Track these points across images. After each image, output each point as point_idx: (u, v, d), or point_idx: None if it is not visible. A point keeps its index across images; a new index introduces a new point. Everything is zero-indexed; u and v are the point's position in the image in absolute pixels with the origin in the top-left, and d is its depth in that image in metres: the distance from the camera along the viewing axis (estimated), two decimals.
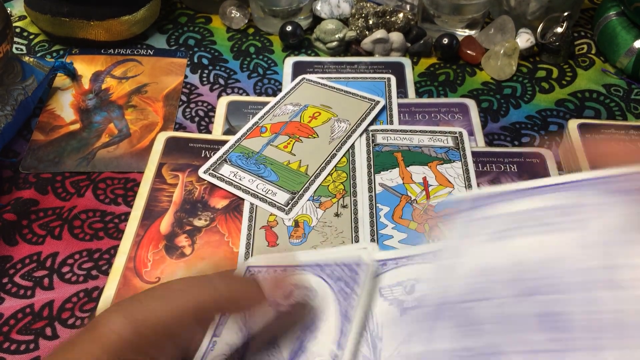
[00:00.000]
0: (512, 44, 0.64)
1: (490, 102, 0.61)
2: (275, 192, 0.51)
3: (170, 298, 0.25)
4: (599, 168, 0.21)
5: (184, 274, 0.46)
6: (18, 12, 0.72)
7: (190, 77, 0.64)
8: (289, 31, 0.66)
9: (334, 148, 0.54)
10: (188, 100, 0.61)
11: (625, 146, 0.23)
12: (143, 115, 0.60)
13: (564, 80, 0.64)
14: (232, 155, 0.54)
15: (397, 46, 0.66)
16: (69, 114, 0.59)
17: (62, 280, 0.46)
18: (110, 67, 0.65)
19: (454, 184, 0.52)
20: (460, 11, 0.66)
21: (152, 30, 0.70)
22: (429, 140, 0.55)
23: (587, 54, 0.68)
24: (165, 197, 0.51)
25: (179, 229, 0.49)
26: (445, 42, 0.65)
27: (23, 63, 0.59)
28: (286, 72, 0.64)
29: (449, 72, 0.65)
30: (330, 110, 0.58)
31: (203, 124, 0.59)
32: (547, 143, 0.57)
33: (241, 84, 0.64)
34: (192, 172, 0.53)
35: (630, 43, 0.63)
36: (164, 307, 0.25)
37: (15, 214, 0.50)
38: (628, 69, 0.63)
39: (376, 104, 0.59)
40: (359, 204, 0.50)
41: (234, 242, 0.48)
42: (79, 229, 0.50)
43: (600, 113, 0.60)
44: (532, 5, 0.66)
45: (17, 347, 0.42)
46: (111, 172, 0.54)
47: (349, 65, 0.65)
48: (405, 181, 0.52)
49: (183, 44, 0.68)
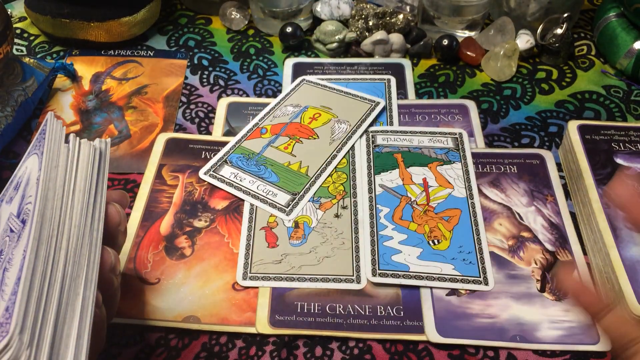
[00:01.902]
0: (512, 45, 0.64)
1: (490, 103, 0.61)
2: (275, 193, 0.51)
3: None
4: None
5: (184, 275, 0.46)
6: (18, 13, 0.72)
7: (190, 78, 0.64)
8: (289, 32, 0.66)
9: (334, 149, 0.54)
10: (188, 102, 0.61)
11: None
12: (143, 116, 0.60)
13: (564, 82, 0.64)
14: (233, 156, 0.54)
15: (397, 47, 0.66)
16: (69, 115, 0.59)
17: None
18: (111, 68, 0.65)
19: (454, 185, 0.52)
20: (460, 12, 0.66)
21: (152, 31, 0.70)
22: (429, 141, 0.55)
23: (587, 55, 0.68)
24: (165, 198, 0.51)
25: (179, 230, 0.49)
26: (445, 44, 0.65)
27: (23, 64, 0.59)
28: (286, 73, 0.64)
29: (448, 74, 0.65)
30: (330, 111, 0.58)
31: (203, 125, 0.59)
32: (546, 144, 0.57)
33: (241, 85, 0.64)
34: (192, 173, 0.53)
35: (630, 44, 0.63)
36: None
37: None
38: (628, 70, 0.63)
39: (376, 105, 0.59)
40: (359, 205, 0.50)
41: (234, 243, 0.48)
42: None
43: (600, 114, 0.60)
44: (532, 6, 0.66)
45: None
46: (111, 173, 0.54)
47: (349, 66, 0.65)
48: (405, 182, 0.52)
49: (183, 45, 0.68)
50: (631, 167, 0.50)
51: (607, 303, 0.26)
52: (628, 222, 0.26)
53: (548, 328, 0.43)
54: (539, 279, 0.46)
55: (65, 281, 0.29)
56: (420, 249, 0.47)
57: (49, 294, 0.28)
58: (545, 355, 0.42)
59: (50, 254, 0.29)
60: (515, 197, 0.51)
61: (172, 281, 0.46)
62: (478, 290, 0.45)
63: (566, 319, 0.43)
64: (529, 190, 0.52)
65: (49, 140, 0.32)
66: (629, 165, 0.50)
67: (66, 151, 0.33)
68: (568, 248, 0.48)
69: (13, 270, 0.28)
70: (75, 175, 0.33)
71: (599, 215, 0.46)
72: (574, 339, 0.42)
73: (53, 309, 0.28)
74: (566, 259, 0.47)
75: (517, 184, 0.52)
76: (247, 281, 0.45)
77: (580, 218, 0.50)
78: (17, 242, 0.29)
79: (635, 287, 0.42)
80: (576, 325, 0.43)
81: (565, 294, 0.31)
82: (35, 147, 0.34)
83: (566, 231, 0.49)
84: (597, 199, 0.48)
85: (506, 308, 0.44)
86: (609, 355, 0.42)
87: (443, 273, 0.46)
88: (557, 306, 0.44)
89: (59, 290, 0.29)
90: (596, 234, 0.46)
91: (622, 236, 0.45)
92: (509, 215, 0.50)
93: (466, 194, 0.51)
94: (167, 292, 0.45)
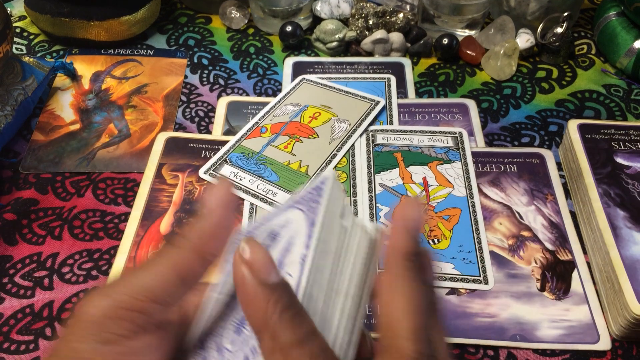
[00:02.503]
0: (512, 44, 0.64)
1: (490, 103, 0.61)
2: (275, 192, 0.51)
3: (147, 265, 0.25)
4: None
5: None
6: (18, 12, 0.72)
7: (190, 77, 0.64)
8: (289, 31, 0.66)
9: (334, 148, 0.54)
10: (188, 101, 0.61)
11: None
12: (143, 115, 0.60)
13: (564, 81, 0.64)
14: (233, 155, 0.54)
15: (397, 46, 0.66)
16: (69, 114, 0.59)
17: (62, 281, 0.46)
18: (110, 67, 0.65)
19: (453, 184, 0.52)
20: (460, 11, 0.66)
21: (152, 30, 0.70)
22: (429, 140, 0.55)
23: (587, 54, 0.68)
24: (165, 197, 0.51)
25: (179, 229, 0.49)
26: (445, 43, 0.65)
27: (23, 63, 0.59)
28: (286, 72, 0.64)
29: (448, 73, 0.65)
30: (330, 110, 0.58)
31: (203, 124, 0.59)
32: (546, 143, 0.57)
33: (241, 84, 0.64)
34: (192, 172, 0.53)
35: (630, 43, 0.63)
36: (142, 274, 0.25)
37: (16, 214, 0.50)
38: (628, 69, 0.63)
39: (376, 104, 0.59)
40: (359, 204, 0.50)
41: None
42: (79, 229, 0.50)
43: (600, 113, 0.60)
44: (532, 5, 0.66)
45: (17, 347, 0.42)
46: (111, 172, 0.54)
47: (349, 65, 0.65)
48: (405, 181, 0.52)
49: (183, 44, 0.68)
50: (631, 166, 0.50)
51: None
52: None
53: (548, 327, 0.43)
54: (539, 278, 0.46)
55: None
56: None
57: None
58: (545, 354, 0.42)
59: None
60: (515, 196, 0.51)
61: None
62: (478, 290, 0.45)
63: (566, 318, 0.43)
64: (529, 189, 0.52)
65: (326, 212, 0.26)
66: (629, 164, 0.50)
67: (339, 233, 0.26)
68: (568, 247, 0.48)
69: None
70: (341, 270, 0.26)
71: (599, 215, 0.46)
72: (574, 338, 0.42)
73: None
74: (565, 258, 0.47)
75: (517, 183, 0.52)
76: None
77: (580, 217, 0.50)
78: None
79: (635, 286, 0.42)
80: (576, 324, 0.43)
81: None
82: (304, 203, 0.27)
83: (566, 230, 0.49)
84: (597, 198, 0.48)
85: (506, 307, 0.44)
86: (609, 354, 0.42)
87: (443, 272, 0.46)
88: (557, 305, 0.44)
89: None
90: (596, 233, 0.46)
91: (622, 235, 0.45)
92: (509, 215, 0.50)
93: (466, 193, 0.51)
94: None
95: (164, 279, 0.25)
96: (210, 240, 0.26)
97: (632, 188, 0.48)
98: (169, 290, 0.25)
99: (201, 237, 0.26)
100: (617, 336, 0.43)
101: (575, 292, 0.45)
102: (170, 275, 0.25)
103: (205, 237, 0.26)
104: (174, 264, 0.25)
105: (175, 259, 0.25)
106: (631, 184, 0.49)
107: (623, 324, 0.42)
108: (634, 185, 0.49)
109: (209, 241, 0.26)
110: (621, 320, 0.42)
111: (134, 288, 0.24)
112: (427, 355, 0.23)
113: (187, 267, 0.25)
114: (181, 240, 0.26)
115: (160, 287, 0.25)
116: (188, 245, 0.26)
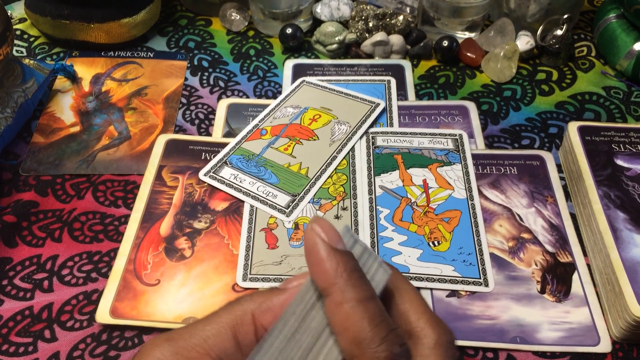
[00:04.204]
0: (512, 46, 0.64)
1: (490, 105, 0.61)
2: (275, 194, 0.51)
3: (208, 318, 0.26)
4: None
5: (184, 276, 0.46)
6: (18, 14, 0.72)
7: (190, 80, 0.64)
8: (289, 34, 0.66)
9: (334, 150, 0.54)
10: (188, 103, 0.61)
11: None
12: (143, 117, 0.60)
13: (564, 83, 0.64)
14: (233, 157, 0.54)
15: (397, 49, 0.66)
16: (69, 117, 0.59)
17: (62, 283, 0.46)
18: (111, 69, 0.65)
19: (454, 186, 0.52)
20: (460, 13, 0.66)
21: (152, 32, 0.70)
22: (429, 142, 0.55)
23: (587, 57, 0.68)
24: (165, 200, 0.51)
25: (179, 231, 0.49)
26: (445, 45, 0.65)
27: (23, 65, 0.59)
28: (286, 74, 0.64)
29: (448, 75, 0.65)
30: (330, 112, 0.58)
31: (203, 127, 0.59)
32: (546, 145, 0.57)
33: (241, 86, 0.64)
34: (192, 174, 0.53)
35: (630, 45, 0.63)
36: (201, 326, 0.26)
37: (15, 216, 0.50)
38: (628, 72, 0.63)
39: (376, 106, 0.59)
40: (359, 207, 0.50)
41: (233, 244, 0.48)
42: (78, 232, 0.50)
43: (600, 115, 0.60)
44: (532, 7, 0.66)
45: (15, 350, 0.42)
46: (111, 175, 0.54)
47: (349, 67, 0.65)
48: (405, 183, 0.52)
49: (183, 47, 0.68)
50: (631, 168, 0.50)
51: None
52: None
53: (548, 329, 0.43)
54: (539, 280, 0.46)
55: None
56: (421, 251, 0.47)
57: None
58: (545, 356, 0.42)
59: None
60: (516, 199, 0.51)
61: (171, 282, 0.45)
62: (478, 292, 0.45)
63: (566, 321, 0.43)
64: (529, 191, 0.52)
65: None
66: (629, 166, 0.50)
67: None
68: (568, 249, 0.48)
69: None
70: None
71: (599, 217, 0.46)
72: (574, 341, 0.42)
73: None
74: (565, 260, 0.47)
75: (517, 185, 0.52)
76: (247, 282, 0.45)
77: (581, 219, 0.50)
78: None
79: (636, 288, 0.42)
80: (576, 326, 0.43)
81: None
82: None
83: (566, 232, 0.49)
84: (597, 200, 0.47)
85: (506, 309, 0.44)
86: (609, 356, 0.42)
87: (443, 274, 0.46)
88: (557, 307, 0.44)
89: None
90: (596, 235, 0.46)
91: (623, 237, 0.45)
92: (509, 217, 0.50)
93: (466, 195, 0.51)
94: (167, 294, 0.45)
95: (220, 333, 0.25)
96: (267, 313, 0.26)
97: (632, 190, 0.48)
98: (222, 346, 0.25)
99: (261, 308, 0.26)
100: (617, 338, 0.43)
101: (576, 295, 0.45)
102: (225, 328, 0.26)
103: (264, 309, 0.26)
104: (229, 318, 0.26)
105: (235, 317, 0.26)
106: (631, 186, 0.49)
107: (623, 326, 0.42)
108: (634, 187, 0.49)
109: (265, 313, 0.26)
110: (621, 323, 0.42)
111: (190, 336, 0.25)
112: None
113: (243, 329, 0.26)
114: (247, 301, 0.26)
115: (215, 339, 0.25)
116: (249, 309, 0.26)
